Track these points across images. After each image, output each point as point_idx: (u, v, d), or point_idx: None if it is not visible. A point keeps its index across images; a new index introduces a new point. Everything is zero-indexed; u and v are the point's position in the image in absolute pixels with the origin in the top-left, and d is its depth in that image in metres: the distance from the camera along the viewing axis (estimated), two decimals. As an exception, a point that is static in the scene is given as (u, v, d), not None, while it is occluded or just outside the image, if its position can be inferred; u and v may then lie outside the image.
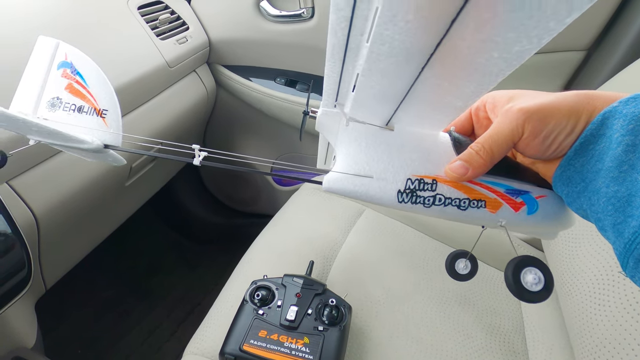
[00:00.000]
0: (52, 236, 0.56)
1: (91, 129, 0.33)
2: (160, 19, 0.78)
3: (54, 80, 0.34)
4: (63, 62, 0.34)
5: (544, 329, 0.58)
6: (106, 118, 0.33)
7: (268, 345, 0.45)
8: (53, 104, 0.34)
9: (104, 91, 0.33)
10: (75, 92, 0.34)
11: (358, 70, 0.22)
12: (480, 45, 0.18)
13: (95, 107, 0.33)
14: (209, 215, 1.21)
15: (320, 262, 0.63)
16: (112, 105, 0.33)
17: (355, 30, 0.19)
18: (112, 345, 0.91)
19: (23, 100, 0.35)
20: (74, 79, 0.34)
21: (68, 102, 0.34)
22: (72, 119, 0.33)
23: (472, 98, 0.23)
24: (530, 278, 0.26)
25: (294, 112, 0.93)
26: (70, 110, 0.34)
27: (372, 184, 0.28)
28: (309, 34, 0.85)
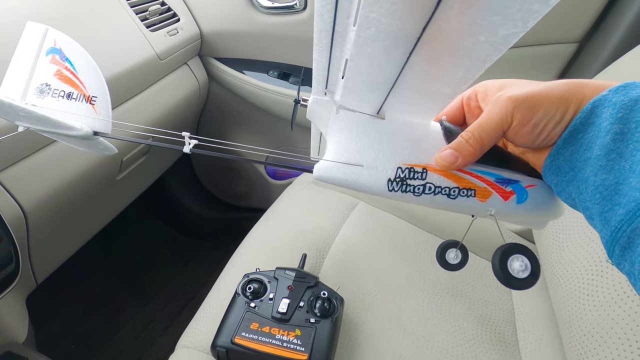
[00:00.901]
0: (41, 230, 0.56)
1: (80, 115, 0.32)
2: (150, 10, 0.76)
3: (42, 67, 0.34)
4: (52, 48, 0.34)
5: (534, 320, 0.58)
6: (95, 105, 0.33)
7: (260, 337, 0.45)
8: (42, 90, 0.34)
9: (93, 78, 0.33)
10: (64, 78, 0.33)
11: (347, 56, 0.22)
12: (466, 29, 0.18)
13: (85, 94, 0.33)
14: (203, 210, 1.20)
15: (313, 255, 0.63)
16: (102, 92, 0.33)
17: (341, 12, 0.19)
18: (106, 340, 0.91)
19: (11, 86, 0.34)
20: (63, 65, 0.33)
21: (57, 88, 0.33)
22: (61, 106, 0.33)
23: (461, 85, 0.23)
24: (517, 265, 0.27)
25: (287, 105, 0.92)
26: (60, 97, 0.33)
27: (363, 172, 0.28)
28: (302, 25, 0.85)
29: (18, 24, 0.55)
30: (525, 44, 0.76)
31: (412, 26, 0.18)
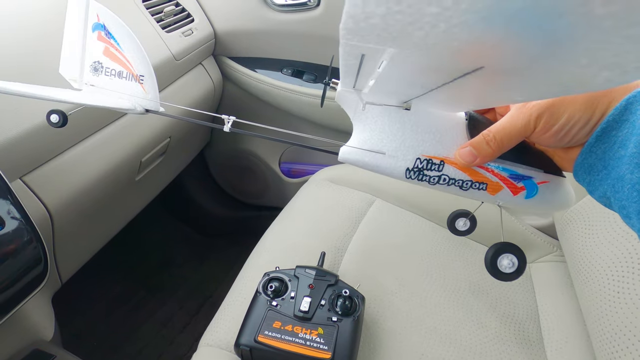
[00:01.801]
0: (65, 231, 0.57)
1: (133, 96, 0.34)
2: (165, 11, 0.77)
3: (91, 44, 0.35)
4: (96, 24, 0.34)
5: (560, 317, 0.57)
6: (144, 84, 0.34)
7: (283, 336, 0.45)
8: (95, 68, 0.35)
9: (138, 56, 0.33)
10: (112, 56, 0.34)
11: (385, 58, 0.20)
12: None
13: (133, 73, 0.34)
14: (218, 209, 1.21)
15: (332, 253, 0.63)
16: (147, 71, 0.34)
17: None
18: (126, 338, 0.93)
19: (69, 65, 0.36)
20: (109, 42, 0.34)
21: (108, 67, 0.34)
22: (114, 85, 0.34)
23: (518, 101, 0.23)
24: (505, 262, 0.29)
25: (301, 102, 0.92)
26: (112, 76, 0.34)
27: (384, 159, 0.29)
28: (316, 22, 0.84)
29: (40, 24, 0.56)
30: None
31: (462, 66, 0.18)
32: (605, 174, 0.24)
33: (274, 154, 1.08)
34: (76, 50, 0.35)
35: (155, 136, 0.71)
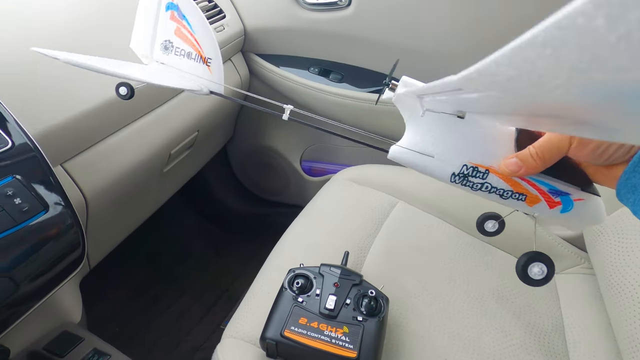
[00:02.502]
0: (97, 218, 0.58)
1: (199, 77, 0.35)
2: (200, 6, 0.78)
3: (163, 22, 0.36)
4: (170, 4, 0.35)
5: (587, 331, 0.56)
6: (211, 66, 0.35)
7: (309, 332, 0.45)
8: (166, 46, 0.36)
9: (207, 38, 0.34)
10: (183, 36, 0.35)
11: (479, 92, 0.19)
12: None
13: (202, 55, 0.34)
14: (237, 204, 1.23)
15: (355, 253, 0.63)
16: (215, 54, 0.34)
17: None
18: (145, 327, 0.95)
19: (140, 41, 0.37)
20: (181, 23, 0.35)
21: (178, 47, 0.35)
22: (183, 64, 0.35)
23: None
24: (536, 270, 0.30)
25: (327, 101, 0.92)
26: (181, 56, 0.35)
27: (432, 162, 0.30)
28: (346, 22, 0.84)
29: (71, 18, 0.57)
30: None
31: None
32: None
33: (295, 151, 1.09)
34: (148, 27, 0.36)
35: (184, 129, 0.72)
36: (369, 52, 0.87)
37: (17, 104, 0.44)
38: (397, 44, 0.82)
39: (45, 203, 0.39)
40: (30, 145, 0.41)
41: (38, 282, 0.40)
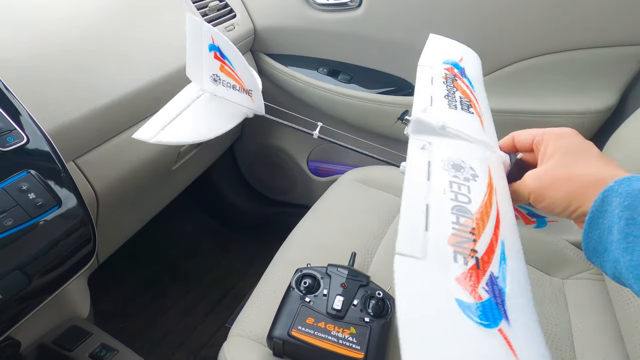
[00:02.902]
0: (107, 214, 0.59)
1: (243, 105, 0.44)
2: (210, 6, 0.79)
3: (209, 59, 0.42)
4: (212, 45, 0.41)
5: (595, 337, 0.55)
6: (252, 96, 0.42)
7: (316, 332, 0.45)
8: (215, 79, 0.43)
9: (246, 74, 0.41)
10: (226, 72, 0.42)
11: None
12: None
13: (244, 88, 0.42)
14: (243, 203, 1.23)
15: (361, 254, 0.63)
16: (255, 86, 0.41)
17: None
18: (150, 323, 0.95)
19: (193, 72, 0.44)
20: (223, 61, 0.41)
21: (225, 80, 0.42)
22: (230, 94, 0.43)
23: None
24: None
25: (335, 102, 0.92)
26: (228, 87, 0.43)
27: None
28: (355, 23, 0.84)
29: (85, 21, 0.58)
30: (594, 46, 0.72)
31: None
32: (606, 256, 0.27)
33: (302, 151, 1.09)
34: (198, 62, 0.43)
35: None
36: (378, 53, 0.87)
37: (32, 100, 0.45)
38: (407, 45, 0.82)
39: (58, 198, 0.40)
40: (45, 141, 0.42)
41: (49, 277, 0.40)
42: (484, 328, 0.22)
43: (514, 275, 0.25)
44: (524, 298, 0.25)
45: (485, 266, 0.25)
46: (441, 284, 0.24)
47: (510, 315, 0.23)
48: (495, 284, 0.24)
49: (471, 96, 0.41)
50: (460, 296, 0.23)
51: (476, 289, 0.24)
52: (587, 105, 0.76)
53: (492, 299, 0.23)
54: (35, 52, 0.50)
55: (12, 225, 0.37)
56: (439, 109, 0.38)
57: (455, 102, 0.39)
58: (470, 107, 0.40)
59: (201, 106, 0.45)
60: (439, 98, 0.40)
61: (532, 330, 0.24)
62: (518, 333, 0.23)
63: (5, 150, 0.39)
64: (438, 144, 0.34)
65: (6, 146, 0.40)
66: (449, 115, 0.37)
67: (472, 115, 0.38)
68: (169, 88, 0.66)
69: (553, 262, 0.67)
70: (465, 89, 0.42)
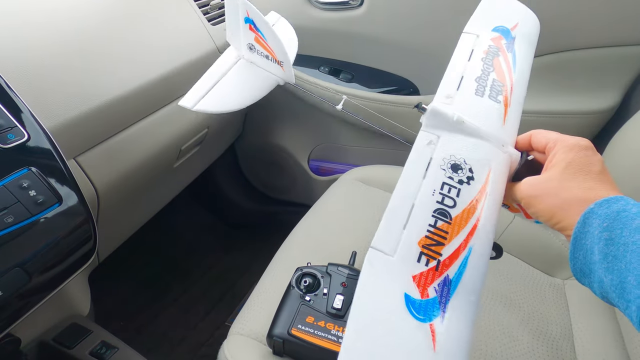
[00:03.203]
0: (108, 212, 0.59)
1: (276, 75, 0.47)
2: (212, 4, 0.79)
3: (245, 31, 0.45)
4: (247, 18, 0.44)
5: (596, 339, 0.55)
6: (283, 66, 0.45)
7: (316, 331, 0.45)
8: (250, 47, 0.47)
9: (277, 47, 0.43)
10: (260, 43, 0.45)
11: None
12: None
13: (276, 58, 0.45)
14: (244, 201, 1.23)
15: (362, 253, 0.63)
16: (285, 58, 0.44)
17: None
18: (151, 321, 0.95)
19: (233, 39, 0.48)
20: (257, 34, 0.44)
21: (259, 50, 0.46)
22: (263, 63, 0.47)
23: None
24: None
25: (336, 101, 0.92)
26: (262, 56, 0.46)
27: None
28: (357, 22, 0.84)
29: (86, 19, 0.58)
30: (597, 45, 0.71)
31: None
32: (592, 277, 0.27)
33: (303, 150, 1.08)
34: (236, 31, 0.46)
35: (195, 126, 0.72)
36: (379, 52, 0.87)
37: (33, 98, 0.45)
38: (408, 45, 0.82)
39: (59, 196, 0.40)
40: (46, 139, 0.42)
41: (50, 274, 0.40)
42: (417, 322, 0.26)
43: (468, 280, 0.28)
44: (469, 300, 0.28)
45: (443, 269, 0.28)
46: (398, 279, 0.27)
47: (447, 313, 0.26)
48: (446, 285, 0.27)
49: (506, 79, 0.38)
50: (409, 291, 0.27)
51: (427, 288, 0.27)
52: (590, 105, 0.76)
53: (437, 298, 0.27)
54: (37, 50, 0.50)
55: (13, 222, 0.37)
56: (464, 95, 0.36)
57: (485, 87, 0.37)
58: (500, 94, 0.37)
59: (238, 72, 0.48)
60: (469, 80, 0.38)
61: (461, 330, 0.27)
62: (447, 329, 0.26)
63: (6, 147, 0.39)
64: (445, 140, 0.33)
65: (7, 143, 0.40)
66: (471, 104, 0.36)
67: (498, 105, 0.37)
68: (171, 85, 0.66)
69: (554, 263, 0.67)
70: (503, 69, 0.39)
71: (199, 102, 0.45)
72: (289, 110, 1.03)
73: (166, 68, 0.64)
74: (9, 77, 0.44)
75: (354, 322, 0.25)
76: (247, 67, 0.48)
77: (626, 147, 0.61)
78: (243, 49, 0.47)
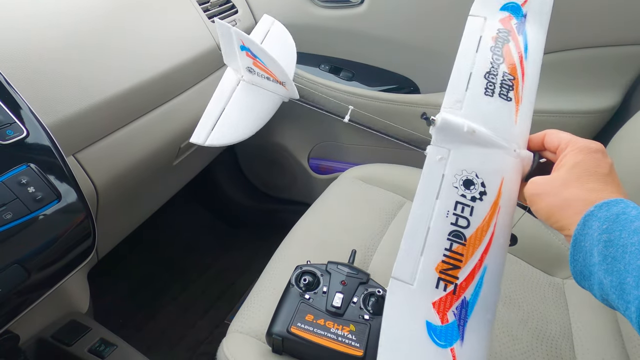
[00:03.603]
0: (107, 209, 0.59)
1: (278, 94, 0.47)
2: (212, 1, 0.78)
3: (242, 56, 0.44)
4: (242, 47, 0.43)
5: (595, 338, 0.55)
6: (285, 85, 0.45)
7: (315, 329, 0.45)
8: (250, 70, 0.45)
9: (277, 70, 0.43)
10: (259, 67, 0.44)
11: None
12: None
13: (277, 80, 0.44)
14: (244, 199, 1.23)
15: (361, 252, 0.63)
16: (287, 79, 0.44)
17: None
18: (150, 319, 0.95)
19: (231, 62, 0.47)
20: (255, 59, 0.43)
21: (259, 72, 0.45)
22: (264, 83, 0.46)
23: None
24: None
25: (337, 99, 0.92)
26: (263, 78, 0.45)
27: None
28: (358, 20, 0.84)
29: (85, 15, 0.57)
30: (598, 45, 0.71)
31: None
32: (592, 279, 0.27)
33: (303, 149, 1.08)
34: (232, 55, 0.45)
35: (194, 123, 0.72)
36: (380, 51, 0.87)
37: (32, 94, 0.45)
38: (409, 43, 0.82)
39: (58, 192, 0.40)
40: (45, 135, 0.42)
41: (49, 271, 0.40)
42: (439, 348, 0.27)
43: (484, 298, 0.29)
44: (486, 319, 0.29)
45: (461, 292, 0.29)
46: (419, 307, 0.28)
47: (466, 335, 0.28)
48: (464, 307, 0.28)
49: (517, 68, 0.36)
50: (430, 318, 0.28)
51: (447, 313, 0.28)
52: (590, 104, 0.76)
53: (456, 321, 0.28)
54: (36, 46, 0.49)
55: (12, 219, 0.36)
56: (473, 97, 0.35)
57: (495, 83, 0.36)
58: (511, 89, 0.36)
59: (242, 97, 0.47)
60: (478, 77, 0.36)
61: (479, 349, 0.28)
62: (466, 351, 0.28)
63: (5, 143, 0.39)
64: (456, 154, 0.33)
65: (6, 139, 0.39)
66: (481, 107, 0.35)
67: (509, 103, 0.35)
68: (171, 82, 0.66)
69: (554, 262, 0.67)
70: (514, 56, 0.37)
71: (210, 136, 0.44)
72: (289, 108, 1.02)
73: (166, 65, 0.64)
74: (8, 72, 0.44)
75: (381, 353, 0.28)
76: (250, 90, 0.47)
77: (626, 146, 0.61)
78: (242, 71, 0.47)
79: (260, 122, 0.46)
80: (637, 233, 0.25)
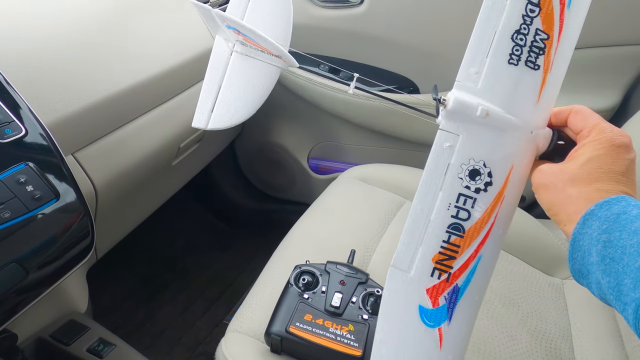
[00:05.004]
0: (106, 208, 0.59)
1: (275, 64, 0.41)
2: (212, 1, 0.78)
3: (230, 33, 0.40)
4: (227, 26, 0.39)
5: (595, 338, 0.55)
6: (282, 57, 0.40)
7: (314, 329, 0.45)
8: (242, 43, 0.42)
9: (270, 46, 0.39)
10: (251, 42, 0.40)
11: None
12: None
13: (272, 53, 0.40)
14: (243, 199, 1.23)
15: (361, 252, 0.63)
16: (281, 52, 0.39)
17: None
18: (149, 319, 0.95)
19: (221, 35, 0.42)
20: (244, 36, 0.39)
21: (251, 45, 0.41)
22: (260, 55, 0.41)
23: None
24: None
25: (335, 99, 0.92)
26: (257, 50, 0.41)
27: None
28: (357, 20, 0.84)
29: (85, 14, 0.57)
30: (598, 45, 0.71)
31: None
32: (590, 278, 0.27)
33: (303, 148, 1.08)
34: (220, 32, 0.42)
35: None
36: (379, 51, 0.87)
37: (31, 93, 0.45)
38: (408, 43, 0.82)
39: (56, 191, 0.40)
40: (44, 134, 0.42)
41: (47, 270, 0.40)
42: (428, 328, 0.30)
43: (475, 284, 0.30)
44: (473, 300, 0.31)
45: (454, 279, 0.30)
46: (413, 293, 0.30)
47: (454, 316, 0.30)
48: (455, 292, 0.30)
49: (555, 23, 0.30)
50: (423, 302, 0.30)
51: (438, 298, 0.30)
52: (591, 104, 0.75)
53: (446, 305, 0.30)
54: (36, 45, 0.49)
55: (10, 218, 0.36)
56: (493, 68, 0.30)
57: (523, 47, 0.30)
58: (541, 53, 0.30)
59: (237, 71, 0.43)
60: (503, 39, 0.30)
61: (464, 327, 0.31)
62: (452, 329, 0.30)
63: (4, 142, 0.39)
64: (465, 141, 0.30)
65: (4, 138, 0.39)
66: (501, 80, 0.30)
67: (536, 72, 0.30)
68: (170, 82, 0.66)
69: (553, 262, 0.67)
70: (553, 5, 0.30)
71: (211, 119, 0.42)
72: (288, 108, 1.02)
73: (166, 64, 0.64)
74: (7, 71, 0.44)
75: (378, 332, 0.30)
76: (245, 62, 0.43)
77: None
78: (233, 42, 0.42)
79: (261, 98, 0.43)
80: (637, 234, 0.25)
